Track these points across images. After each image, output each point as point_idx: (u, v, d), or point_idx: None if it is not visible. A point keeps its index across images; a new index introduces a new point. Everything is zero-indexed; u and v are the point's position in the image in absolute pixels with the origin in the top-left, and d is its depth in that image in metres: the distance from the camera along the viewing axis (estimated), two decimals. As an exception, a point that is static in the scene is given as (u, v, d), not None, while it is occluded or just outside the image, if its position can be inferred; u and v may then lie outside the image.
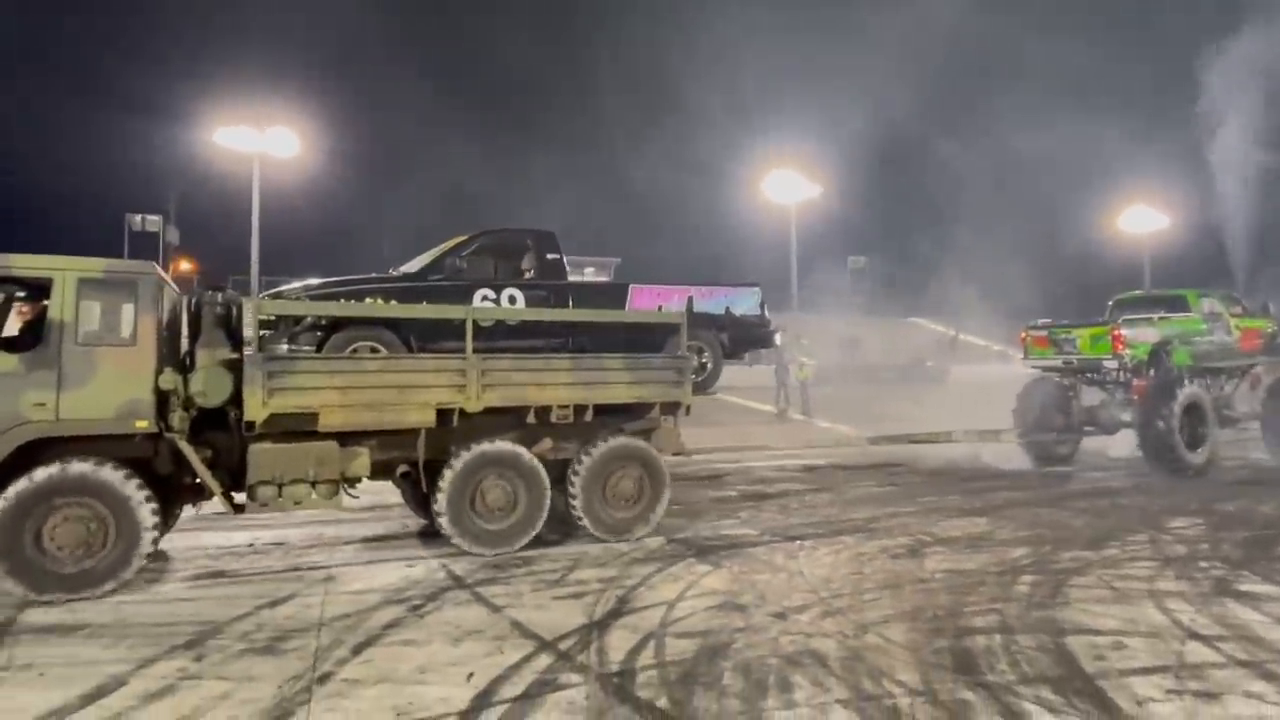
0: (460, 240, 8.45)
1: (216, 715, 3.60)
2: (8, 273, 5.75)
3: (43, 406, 5.51)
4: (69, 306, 5.65)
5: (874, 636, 4.60)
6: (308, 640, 4.63)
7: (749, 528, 7.95)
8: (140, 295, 5.87)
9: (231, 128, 38.14)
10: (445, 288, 8.03)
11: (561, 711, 3.62)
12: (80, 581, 5.53)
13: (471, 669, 4.13)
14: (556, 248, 8.68)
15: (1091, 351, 12.29)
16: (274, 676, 4.06)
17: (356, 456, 6.48)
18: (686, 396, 7.68)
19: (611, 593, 5.57)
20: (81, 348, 5.66)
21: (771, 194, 45.98)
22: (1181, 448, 11.23)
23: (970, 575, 5.96)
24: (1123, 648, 4.39)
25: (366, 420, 6.46)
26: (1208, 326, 12.67)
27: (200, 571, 6.40)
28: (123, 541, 5.61)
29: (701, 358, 8.83)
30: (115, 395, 5.73)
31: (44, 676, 4.10)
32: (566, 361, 7.33)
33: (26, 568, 5.39)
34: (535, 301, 8.32)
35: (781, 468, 13.04)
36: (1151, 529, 7.66)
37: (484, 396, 6.80)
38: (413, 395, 6.63)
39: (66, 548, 5.50)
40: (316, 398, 6.28)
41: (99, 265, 5.93)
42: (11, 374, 5.47)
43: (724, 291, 9.45)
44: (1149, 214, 45.68)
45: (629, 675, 4.05)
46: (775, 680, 3.96)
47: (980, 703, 3.68)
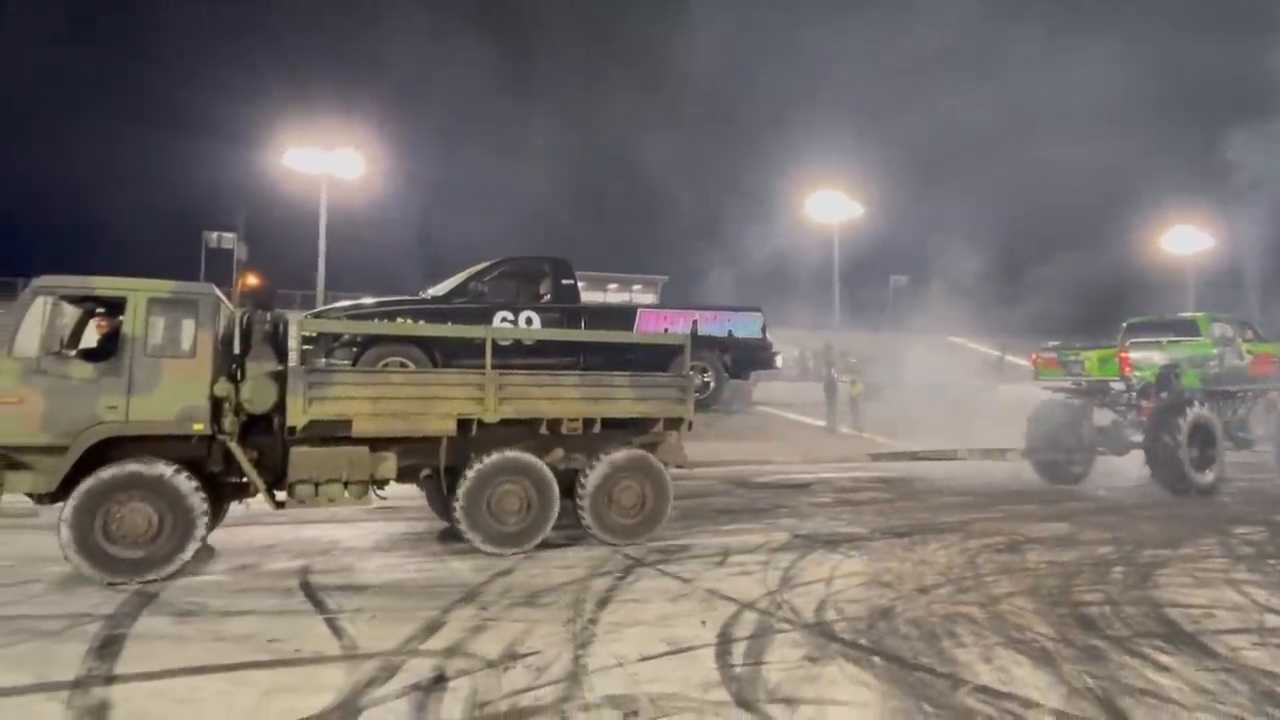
0: (484, 266, 9.16)
1: (534, 642, 4.84)
2: (90, 292, 6.61)
3: (115, 409, 6.30)
4: (140, 322, 6.45)
5: (1006, 605, 5.73)
6: (556, 598, 5.87)
7: (856, 527, 9.07)
8: (200, 313, 6.67)
9: (300, 149, 40.24)
10: (469, 309, 8.76)
11: (790, 646, 4.80)
12: (141, 566, 6.24)
13: (698, 621, 5.33)
14: (571, 274, 9.38)
15: (1099, 373, 12.75)
16: (551, 621, 5.30)
17: (385, 460, 7.20)
18: (689, 413, 8.26)
19: (771, 572, 6.75)
20: (149, 359, 6.45)
21: (815, 214, 47.08)
22: (1188, 467, 11.53)
23: (1068, 565, 7.06)
24: (1212, 616, 5.48)
25: (394, 428, 7.16)
26: (1219, 351, 12.89)
27: (420, 552, 7.68)
28: (179, 531, 6.33)
29: (704, 377, 9.43)
30: (176, 401, 6.49)
31: (377, 619, 5.37)
32: (576, 378, 7.93)
33: (96, 552, 6.14)
34: (550, 323, 8.98)
35: (857, 479, 14.13)
36: (1219, 534, 8.67)
37: (500, 409, 7.46)
38: (436, 406, 7.30)
39: (130, 536, 6.23)
40: (351, 407, 6.98)
41: (167, 286, 6.71)
42: (90, 381, 6.29)
43: (727, 315, 9.98)
44: (1193, 234, 45.98)
45: (825, 625, 5.23)
46: (941, 631, 5.12)
47: (1108, 648, 4.81)
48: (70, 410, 6.22)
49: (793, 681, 4.19)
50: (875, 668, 4.43)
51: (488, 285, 9.03)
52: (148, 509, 6.29)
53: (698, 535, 8.47)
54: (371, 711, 3.79)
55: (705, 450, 17.92)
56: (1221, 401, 12.89)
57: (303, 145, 39.92)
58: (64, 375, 6.27)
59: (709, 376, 9.52)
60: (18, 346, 6.22)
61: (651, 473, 8.13)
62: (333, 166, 40.88)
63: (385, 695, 3.99)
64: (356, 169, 41.06)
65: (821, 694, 4.02)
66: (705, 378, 9.45)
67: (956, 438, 15.00)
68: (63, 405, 6.20)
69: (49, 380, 6.21)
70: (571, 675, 4.28)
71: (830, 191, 46.17)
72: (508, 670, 4.35)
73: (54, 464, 6.19)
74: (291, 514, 8.43)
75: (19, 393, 6.12)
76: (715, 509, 10.52)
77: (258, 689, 4.10)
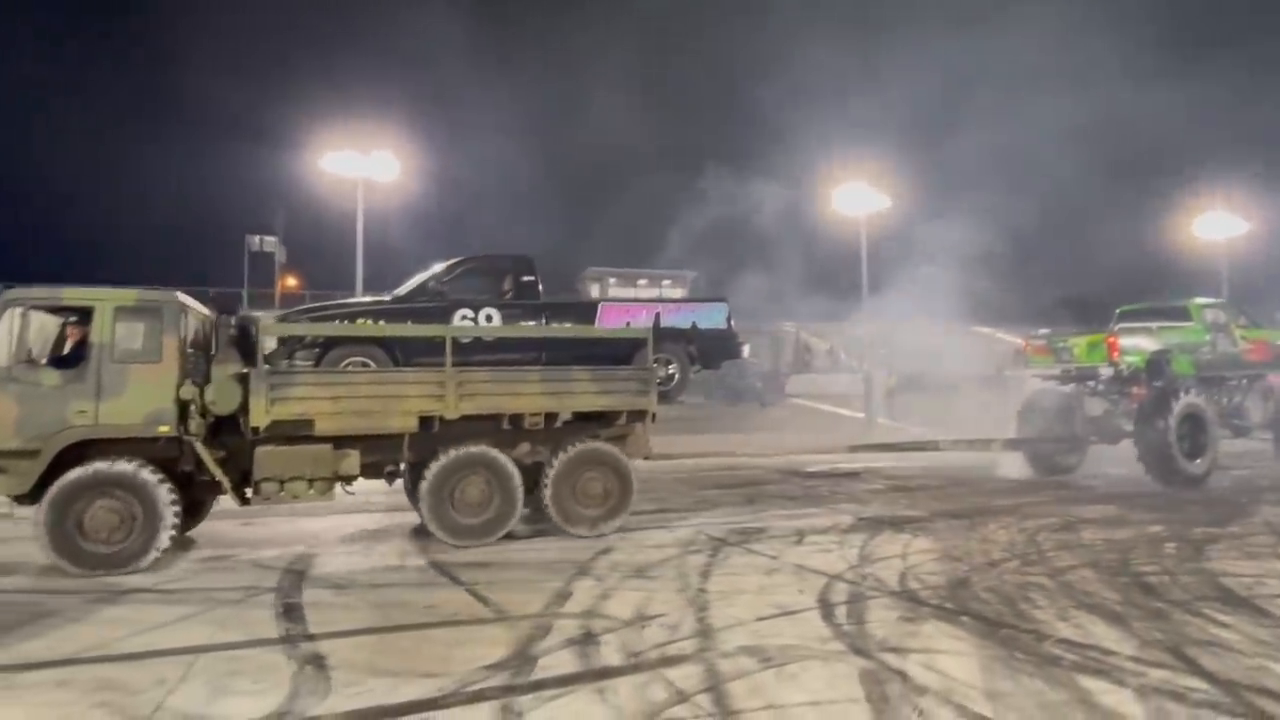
0: (445, 265, 9.33)
1: (657, 607, 5.51)
2: (58, 302, 6.96)
3: (84, 414, 6.56)
4: (107, 330, 6.70)
5: (1071, 576, 6.31)
6: (661, 571, 6.54)
7: (915, 510, 9.65)
8: (165, 320, 6.88)
9: (337, 152, 41.20)
10: (430, 308, 8.88)
11: (884, 609, 5.43)
12: (113, 560, 6.52)
13: (795, 590, 5.97)
14: (533, 271, 9.46)
15: (1088, 359, 12.63)
16: (665, 590, 5.96)
17: (348, 458, 7.36)
18: (652, 405, 8.38)
19: (848, 550, 7.37)
20: (117, 364, 6.69)
21: (842, 207, 47.34)
22: (1179, 456, 11.43)
23: (1123, 542, 7.61)
24: (1263, 584, 6.03)
25: (356, 426, 7.32)
26: (1211, 337, 12.85)
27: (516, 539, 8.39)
28: (149, 527, 6.61)
29: (669, 369, 9.52)
30: (144, 404, 6.73)
31: (511, 590, 6.06)
32: (536, 373, 8.09)
33: (70, 548, 6.43)
34: (511, 320, 9.09)
35: (901, 468, 14.65)
36: (1263, 515, 9.16)
37: (461, 405, 7.58)
38: (397, 404, 7.46)
39: (102, 532, 6.52)
40: (312, 406, 7.17)
41: (132, 295, 6.98)
42: (60, 387, 6.57)
43: (691, 307, 10.19)
44: (1227, 219, 45.68)
45: (911, 592, 5.85)
46: (1017, 596, 5.72)
47: (1170, 609, 5.38)
48: (41, 416, 6.50)
49: (896, 636, 4.82)
50: (965, 625, 5.05)
51: (448, 284, 9.14)
52: (118, 506, 6.57)
53: (769, 519, 9.10)
54: (544, 660, 4.47)
55: (755, 442, 18.59)
56: (1215, 388, 12.86)
57: (340, 149, 40.90)
58: (35, 382, 6.55)
59: (673, 368, 9.61)
60: None
61: (615, 464, 8.26)
62: (370, 169, 41.85)
63: (549, 648, 4.67)
64: (393, 171, 42.00)
65: (924, 645, 4.65)
66: (670, 369, 9.55)
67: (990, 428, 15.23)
68: (34, 411, 6.48)
69: (20, 387, 6.50)
70: (701, 632, 4.94)
71: (857, 184, 46.46)
72: (645, 628, 5.02)
73: (28, 467, 6.46)
74: (393, 499, 9.19)
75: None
76: (777, 495, 11.15)
77: (440, 644, 4.80)
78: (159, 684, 4.13)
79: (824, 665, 4.35)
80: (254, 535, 8.40)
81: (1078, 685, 4.02)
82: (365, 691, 3.99)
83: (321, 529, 8.58)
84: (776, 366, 31.51)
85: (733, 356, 10.61)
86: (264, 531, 8.58)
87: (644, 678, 4.17)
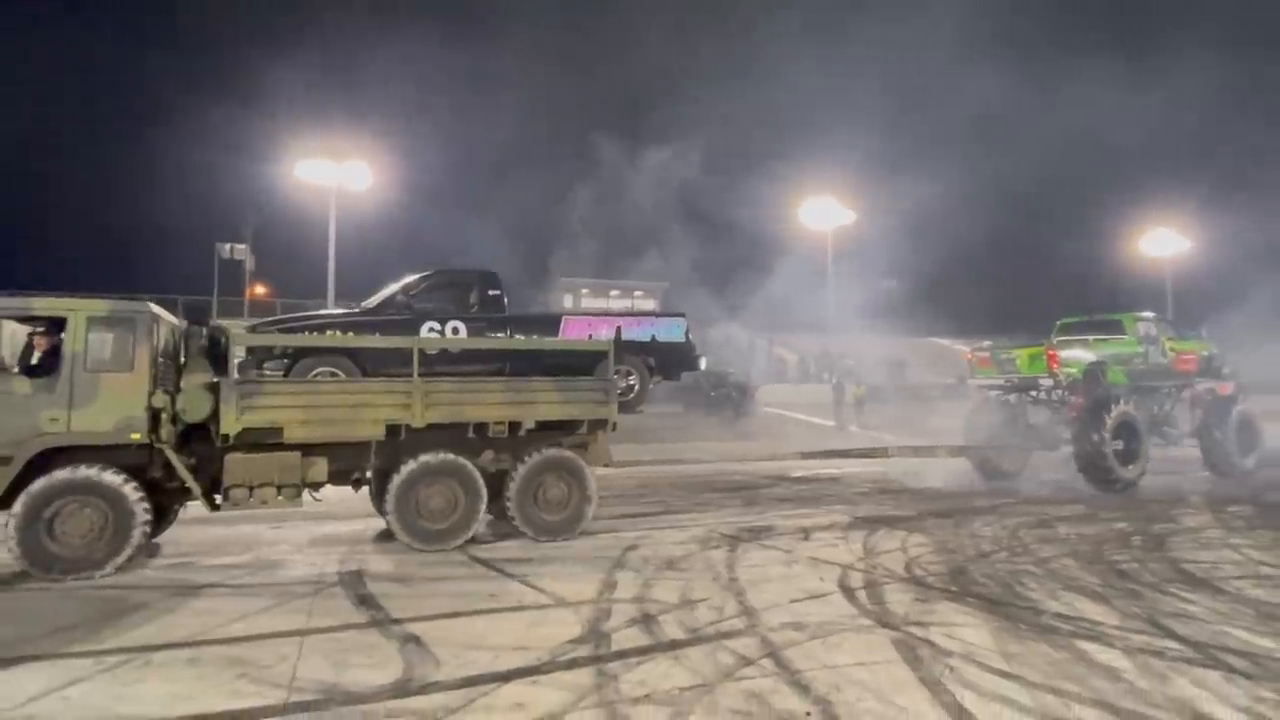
0: (413, 279, 9.59)
1: (698, 592, 6.15)
2: (30, 312, 7.09)
3: (56, 421, 6.73)
4: (79, 340, 6.86)
5: (1055, 565, 7.12)
6: (690, 564, 7.18)
7: (903, 510, 10.44)
8: (137, 330, 7.04)
9: (310, 161, 41.28)
10: (397, 320, 9.12)
11: (898, 592, 6.15)
12: (82, 564, 6.65)
13: (816, 578, 6.67)
14: (498, 285, 9.73)
15: (1029, 370, 13.27)
16: (700, 579, 6.60)
17: (315, 464, 7.61)
18: (613, 414, 8.69)
19: (853, 544, 8.10)
20: (89, 373, 6.85)
21: (808, 220, 48.70)
22: (1113, 462, 12.05)
23: (1095, 536, 8.48)
24: (1219, 569, 6.91)
25: (324, 434, 7.55)
26: (1143, 349, 13.65)
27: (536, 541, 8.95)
28: (119, 532, 6.78)
29: (629, 380, 9.80)
30: (115, 412, 6.90)
31: (560, 580, 6.64)
32: (500, 384, 8.36)
33: (39, 553, 6.58)
34: (476, 332, 9.30)
35: (882, 474, 15.50)
36: (1214, 512, 10.16)
37: (427, 414, 7.85)
38: (364, 413, 7.70)
39: (73, 537, 6.68)
40: (281, 415, 7.38)
41: (104, 306, 7.11)
42: (32, 395, 6.73)
43: (651, 321, 10.42)
44: (1171, 236, 48.09)
45: (918, 578, 6.59)
46: (1011, 581, 6.50)
47: (1143, 589, 6.20)
48: (13, 423, 6.64)
49: (915, 613, 5.54)
50: (971, 604, 5.79)
51: (416, 297, 9.39)
52: (88, 511, 6.73)
53: (772, 519, 9.80)
54: (616, 635, 5.08)
55: (739, 449, 19.37)
56: (1147, 398, 13.58)
57: (313, 157, 40.96)
58: (7, 390, 6.71)
59: (634, 379, 9.89)
60: None
61: (575, 472, 8.55)
62: (343, 177, 41.95)
63: (615, 626, 5.29)
64: (365, 180, 42.11)
65: (941, 620, 5.38)
66: (630, 380, 9.84)
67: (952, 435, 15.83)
68: (6, 418, 6.63)
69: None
70: (744, 612, 5.60)
71: (823, 198, 47.87)
72: (695, 609, 5.66)
73: (0, 473, 6.62)
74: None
75: None
76: (771, 498, 11.87)
77: (517, 625, 5.39)
78: (282, 660, 4.65)
79: (859, 636, 5.05)
80: (280, 536, 8.83)
81: (1075, 647, 4.78)
82: (470, 663, 4.56)
83: (345, 532, 9.05)
84: (749, 377, 32.37)
85: (691, 368, 10.91)
86: (292, 534, 9.01)
87: (708, 648, 4.81)
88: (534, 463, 8.39)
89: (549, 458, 8.48)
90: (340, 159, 42.29)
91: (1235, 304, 24.56)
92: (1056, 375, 13.14)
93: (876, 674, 4.34)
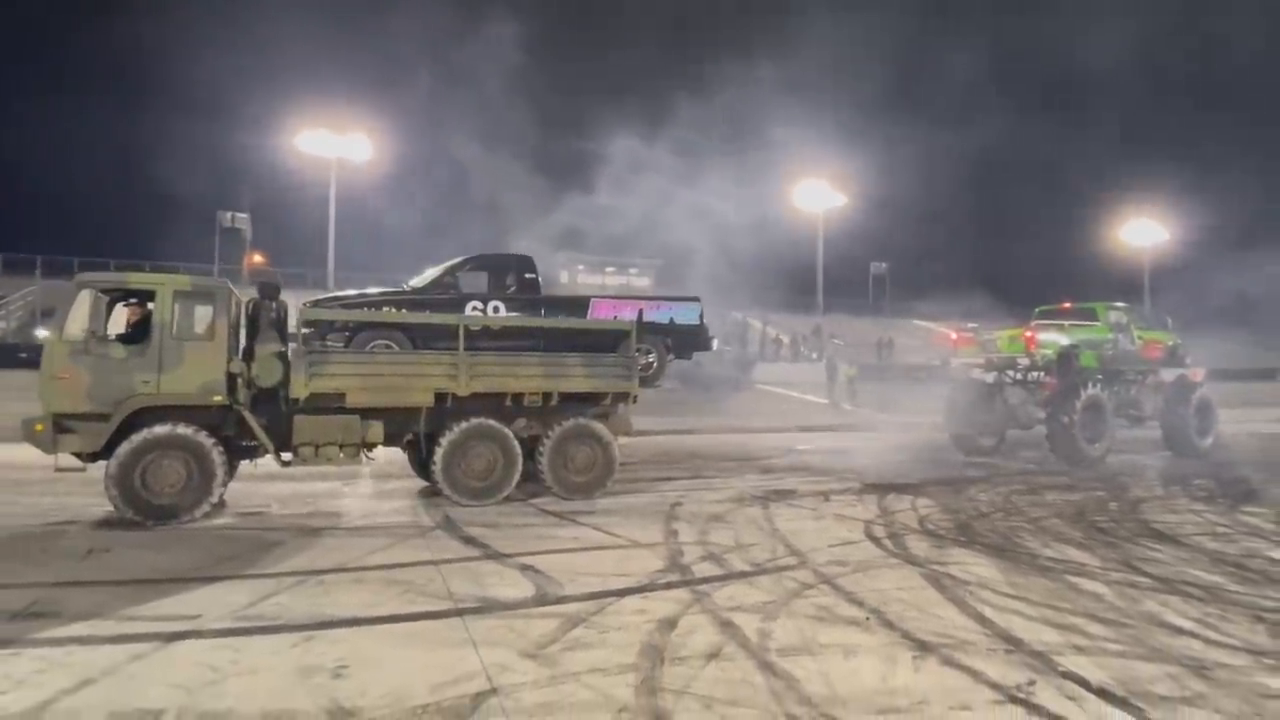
0: (457, 262, 10.58)
1: (747, 538, 7.28)
2: (124, 285, 8.07)
3: (148, 384, 7.63)
4: (167, 311, 7.75)
5: (1045, 523, 8.33)
6: (733, 518, 8.32)
7: (908, 478, 11.65)
8: (217, 303, 7.99)
9: (311, 132, 41.66)
10: (444, 299, 10.12)
11: (916, 540, 7.32)
12: (172, 511, 7.56)
13: (844, 530, 7.82)
14: (534, 269, 10.75)
15: (1009, 350, 14.44)
16: (745, 529, 7.73)
17: (374, 427, 8.52)
18: (634, 388, 9.58)
19: (868, 506, 9.26)
20: (175, 341, 7.74)
21: (800, 203, 49.79)
22: (1081, 441, 13.17)
23: (1078, 502, 9.72)
24: (1182, 528, 8.15)
25: (381, 400, 8.47)
26: (1113, 335, 14.70)
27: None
28: (203, 482, 7.72)
29: (649, 358, 10.73)
30: (199, 377, 7.79)
31: (626, 526, 7.76)
32: (536, 358, 9.23)
33: (136, 499, 7.47)
34: (513, 311, 10.31)
35: (885, 448, 16.73)
36: (1180, 484, 11.46)
37: (471, 384, 8.73)
38: (416, 382, 8.59)
39: (164, 485, 7.58)
40: (345, 382, 8.31)
41: (189, 281, 8.26)
42: (126, 360, 7.61)
43: (669, 304, 11.34)
44: (1150, 226, 49.73)
45: (931, 531, 7.77)
46: (1009, 533, 7.70)
47: (1119, 541, 7.42)
48: (111, 385, 7.52)
49: (934, 556, 6.72)
50: (979, 549, 6.98)
51: (460, 278, 10.41)
52: (177, 465, 7.62)
53: (792, 484, 10.97)
54: (694, 567, 6.21)
55: (741, 423, 20.56)
56: (1115, 382, 14.61)
57: (314, 128, 41.33)
58: (105, 355, 7.57)
59: (653, 357, 10.84)
60: (67, 332, 7.53)
61: (600, 439, 9.49)
62: (343, 150, 42.40)
63: (691, 561, 6.42)
64: (366, 152, 42.56)
65: (956, 560, 6.56)
66: (650, 358, 10.76)
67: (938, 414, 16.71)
68: (104, 380, 7.50)
69: (93, 360, 7.50)
70: (793, 553, 6.75)
71: (815, 181, 48.94)
72: (749, 550, 6.81)
73: (98, 428, 7.50)
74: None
75: (69, 370, 7.45)
76: (785, 467, 13.08)
77: (610, 559, 6.50)
78: (431, 580, 5.74)
79: (892, 570, 6.22)
80: (315, 490, 9.85)
81: (1066, 580, 5.97)
82: (586, 585, 5.66)
83: (386, 490, 10.10)
84: (745, 355, 33.57)
85: (704, 349, 11.82)
86: (318, 488, 10.04)
87: (773, 577, 5.95)
88: (564, 430, 9.31)
89: (577, 426, 9.40)
90: (341, 131, 42.77)
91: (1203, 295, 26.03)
92: (1033, 356, 14.30)
93: (913, 594, 5.51)
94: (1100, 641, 4.57)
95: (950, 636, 4.60)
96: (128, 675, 3.95)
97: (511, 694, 3.72)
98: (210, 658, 4.16)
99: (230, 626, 4.68)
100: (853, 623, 4.87)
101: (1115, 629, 4.80)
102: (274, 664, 4.11)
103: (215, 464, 7.77)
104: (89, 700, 3.66)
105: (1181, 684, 3.95)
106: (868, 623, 4.88)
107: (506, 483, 9.01)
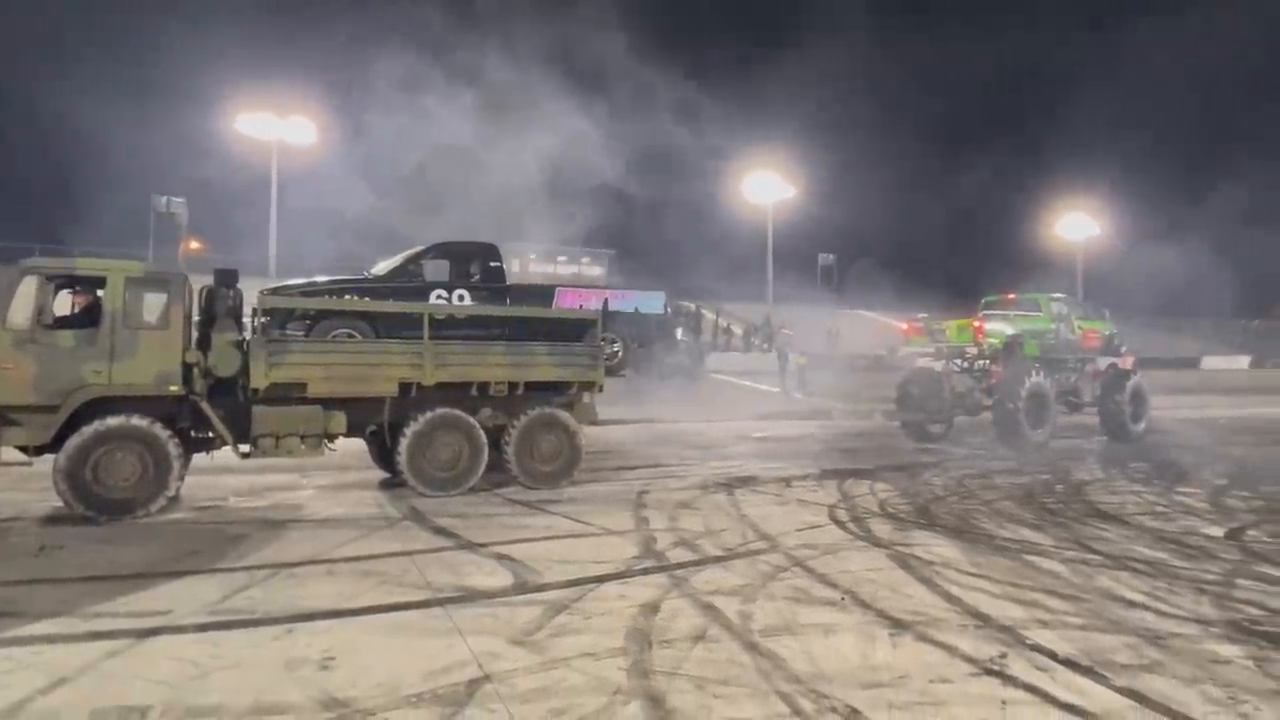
0: (420, 250, 10.47)
1: (716, 524, 7.41)
2: (72, 271, 7.72)
3: (99, 373, 7.29)
4: (119, 298, 7.40)
5: (998, 505, 8.67)
6: (700, 505, 8.43)
7: (862, 464, 11.95)
8: (171, 290, 7.68)
9: (252, 114, 40.37)
10: (407, 288, 10.01)
11: (879, 522, 7.54)
12: (126, 506, 7.24)
13: (809, 514, 8.01)
14: (498, 257, 10.70)
15: (958, 340, 15.06)
16: (712, 515, 7.85)
17: (336, 417, 8.31)
18: (600, 377, 9.62)
19: (829, 491, 9.45)
20: (128, 330, 7.41)
21: (750, 194, 50.28)
22: (1026, 427, 13.81)
23: (1027, 485, 10.12)
24: (1125, 508, 8.57)
25: (344, 390, 8.29)
26: (1055, 325, 15.38)
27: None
28: (158, 476, 7.42)
29: (614, 347, 10.85)
30: (153, 366, 7.48)
31: (596, 514, 7.80)
32: (501, 347, 9.16)
33: (88, 494, 7.13)
34: (478, 300, 10.21)
35: (838, 435, 17.11)
36: (1119, 467, 12.03)
37: (436, 373, 8.60)
38: (380, 371, 8.45)
39: (116, 479, 7.26)
40: (306, 372, 8.08)
41: (141, 268, 7.84)
42: (75, 349, 7.27)
43: (634, 294, 11.50)
44: (1083, 220, 51.64)
45: (892, 515, 8.00)
46: (965, 515, 7.99)
47: (1068, 521, 7.77)
48: (59, 375, 7.18)
49: (897, 538, 6.94)
50: (939, 531, 7.24)
51: (424, 266, 10.27)
52: (131, 458, 7.31)
53: (753, 470, 11.16)
54: (669, 553, 6.30)
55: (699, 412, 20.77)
56: (1056, 370, 15.30)
57: (255, 110, 39.99)
58: (52, 344, 7.22)
59: (618, 346, 10.98)
60: (10, 320, 7.10)
61: (566, 428, 9.46)
62: (285, 133, 41.15)
63: (664, 547, 6.51)
64: (309, 136, 41.38)
65: (919, 541, 6.79)
66: (615, 347, 10.86)
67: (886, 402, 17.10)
68: (52, 370, 7.16)
69: (39, 349, 7.14)
70: (763, 537, 6.89)
71: (765, 173, 49.44)
72: (720, 536, 6.93)
73: (45, 421, 7.16)
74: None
75: (13, 360, 7.06)
76: (745, 454, 13.29)
77: (585, 546, 6.54)
78: (406, 571, 5.70)
79: (860, 552, 6.41)
80: (268, 483, 9.70)
81: (1024, 559, 6.24)
82: (564, 572, 5.70)
83: (342, 482, 9.98)
84: (698, 345, 33.79)
85: (668, 338, 12.00)
86: (275, 480, 9.87)
87: (747, 561, 6.08)
88: (529, 419, 9.24)
89: (543, 415, 9.35)
90: (283, 114, 41.51)
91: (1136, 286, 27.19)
92: (981, 345, 14.91)
93: (883, 575, 5.69)
94: (1061, 615, 4.81)
95: (922, 614, 4.78)
96: (104, 673, 3.85)
97: (505, 680, 3.75)
98: (189, 653, 4.08)
99: (206, 621, 4.58)
100: (829, 603, 5.02)
101: (1074, 603, 5.05)
102: (257, 657, 4.05)
103: (171, 457, 7.50)
104: (66, 699, 3.56)
105: (1140, 653, 4.19)
106: (843, 603, 5.03)
107: (472, 473, 8.95)
